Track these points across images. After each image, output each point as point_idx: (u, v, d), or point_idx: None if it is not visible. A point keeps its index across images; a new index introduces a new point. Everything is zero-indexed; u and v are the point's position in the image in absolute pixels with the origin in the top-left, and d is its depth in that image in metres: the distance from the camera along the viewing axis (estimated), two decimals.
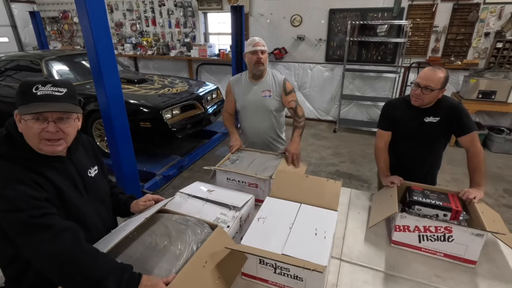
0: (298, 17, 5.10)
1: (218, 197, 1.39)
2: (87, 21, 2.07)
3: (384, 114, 1.81)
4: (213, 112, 3.98)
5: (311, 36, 5.12)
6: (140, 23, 6.27)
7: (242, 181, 1.70)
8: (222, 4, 5.49)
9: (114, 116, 2.40)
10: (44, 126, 0.92)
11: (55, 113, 0.94)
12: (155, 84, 3.96)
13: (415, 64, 4.63)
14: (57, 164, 1.00)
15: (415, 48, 4.62)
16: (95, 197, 1.13)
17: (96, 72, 2.25)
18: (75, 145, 1.08)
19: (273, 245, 1.11)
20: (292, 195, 1.42)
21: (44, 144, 0.95)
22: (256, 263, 1.15)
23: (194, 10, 5.76)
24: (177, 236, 1.04)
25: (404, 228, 1.37)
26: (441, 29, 4.42)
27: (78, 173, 1.06)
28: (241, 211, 1.32)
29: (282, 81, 2.02)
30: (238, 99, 2.11)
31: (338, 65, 5.13)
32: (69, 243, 0.85)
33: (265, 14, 5.28)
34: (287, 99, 2.02)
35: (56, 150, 0.97)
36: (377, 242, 1.44)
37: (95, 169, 1.15)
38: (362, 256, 1.34)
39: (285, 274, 1.12)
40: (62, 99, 0.95)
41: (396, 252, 1.38)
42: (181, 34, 6.01)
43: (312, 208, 1.36)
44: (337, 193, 1.42)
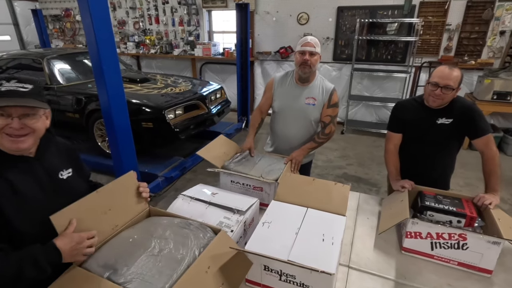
0: (305, 15, 5.09)
1: (222, 200, 1.39)
2: (89, 19, 2.09)
3: (394, 115, 1.79)
4: (217, 113, 3.98)
5: (318, 35, 5.10)
6: (143, 21, 6.31)
7: (247, 184, 1.70)
8: (227, 2, 5.50)
9: (116, 116, 2.41)
10: (8, 122, 0.91)
11: (19, 108, 0.92)
12: (158, 84, 3.98)
13: (426, 64, 4.59)
14: (20, 164, 0.98)
15: (427, 47, 4.58)
16: (67, 200, 1.03)
17: (97, 70, 2.27)
18: (45, 145, 1.06)
19: (278, 251, 1.09)
20: (299, 199, 1.41)
21: (6, 140, 0.92)
22: (260, 269, 1.14)
23: (198, 8, 5.78)
24: (179, 240, 1.03)
25: (415, 234, 1.34)
26: (454, 27, 4.37)
27: (48, 174, 1.04)
28: (246, 215, 1.31)
29: (331, 90, 1.88)
30: (278, 99, 1.98)
31: (346, 64, 5.10)
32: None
33: (271, 12, 5.28)
34: (327, 111, 1.90)
35: (20, 147, 0.95)
36: (387, 249, 1.42)
37: (68, 172, 1.11)
38: (371, 264, 1.33)
39: (290, 282, 1.11)
40: (27, 95, 0.93)
41: (407, 259, 1.36)
42: (184, 33, 6.03)
43: (319, 212, 1.34)
44: (346, 197, 1.40)
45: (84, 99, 3.49)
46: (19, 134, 0.93)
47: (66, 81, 3.79)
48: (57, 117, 3.61)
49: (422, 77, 4.67)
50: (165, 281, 0.88)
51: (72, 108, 3.56)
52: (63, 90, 3.67)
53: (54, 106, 3.60)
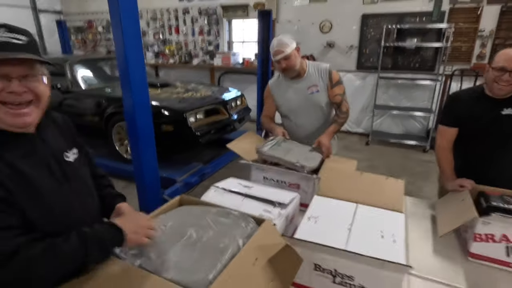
0: (328, 23, 5.06)
1: (259, 193, 1.25)
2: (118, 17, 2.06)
3: (448, 108, 1.64)
4: (238, 119, 3.90)
5: (342, 43, 5.05)
6: (163, 31, 6.45)
7: (282, 181, 1.56)
8: (248, 11, 5.56)
9: (139, 119, 2.36)
10: (4, 85, 0.70)
11: (18, 68, 0.72)
12: (178, 89, 3.96)
13: (457, 72, 4.42)
14: (23, 144, 0.78)
15: (458, 54, 4.42)
16: (79, 187, 0.90)
17: (123, 72, 2.24)
18: (45, 120, 0.87)
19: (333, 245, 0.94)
20: (346, 194, 1.27)
21: (5, 113, 0.72)
22: (310, 269, 0.99)
23: (219, 18, 5.86)
24: (219, 229, 0.90)
25: (486, 237, 1.16)
26: (487, 33, 4.22)
27: (53, 155, 0.84)
28: (287, 209, 1.17)
29: (328, 70, 1.86)
30: (282, 103, 1.95)
31: (370, 73, 4.99)
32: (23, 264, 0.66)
33: (292, 21, 5.29)
34: (334, 91, 1.86)
35: (25, 122, 0.75)
36: (450, 255, 1.24)
37: (73, 153, 0.91)
38: (435, 271, 1.15)
39: (347, 284, 0.95)
40: (23, 49, 0.73)
41: (476, 267, 1.17)
42: (204, 42, 6.11)
43: (372, 208, 1.19)
44: (401, 193, 1.25)
45: (104, 102, 3.48)
46: (21, 102, 0.74)
47: (86, 85, 3.83)
48: (78, 121, 3.61)
49: (453, 86, 4.49)
50: (206, 271, 0.75)
51: (91, 111, 3.56)
52: (83, 93, 3.69)
53: (74, 109, 3.62)
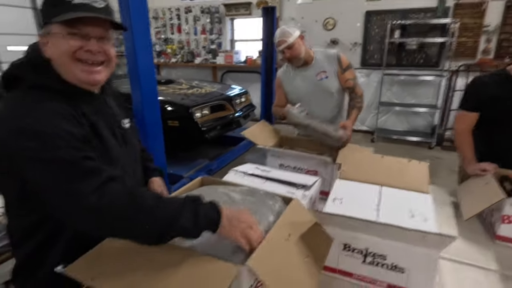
0: (332, 21, 5.06)
1: (280, 176, 1.23)
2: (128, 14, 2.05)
3: (470, 92, 1.60)
4: (243, 115, 3.88)
5: (346, 40, 5.04)
6: (165, 30, 6.43)
7: (299, 168, 1.54)
8: (251, 9, 5.56)
9: (148, 117, 2.36)
10: (82, 43, 0.76)
11: (97, 29, 0.78)
12: (183, 85, 3.94)
13: (463, 67, 4.41)
14: (92, 101, 0.84)
15: (463, 50, 4.42)
16: (132, 153, 0.96)
17: (133, 71, 2.25)
18: (108, 86, 0.94)
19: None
20: (369, 177, 1.24)
21: (79, 69, 0.78)
22: (339, 250, 0.96)
23: (221, 16, 5.86)
24: (247, 206, 0.87)
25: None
26: (492, 28, 4.22)
27: (114, 118, 0.91)
28: (311, 191, 1.14)
29: (336, 56, 1.84)
30: (292, 92, 1.93)
31: (374, 70, 4.98)
32: (123, 191, 0.68)
33: (296, 18, 5.28)
34: (345, 76, 1.83)
35: (96, 79, 0.81)
36: (476, 239, 1.21)
37: (127, 122, 0.97)
38: (463, 254, 1.12)
39: (378, 264, 0.92)
40: (103, 12, 0.78)
41: (505, 250, 1.15)
42: (206, 41, 6.09)
43: (397, 190, 1.16)
44: (426, 174, 1.22)
45: None
46: (94, 61, 0.79)
47: None
48: None
49: (459, 81, 4.48)
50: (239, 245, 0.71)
51: None
52: None
53: None
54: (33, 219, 0.78)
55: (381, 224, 0.83)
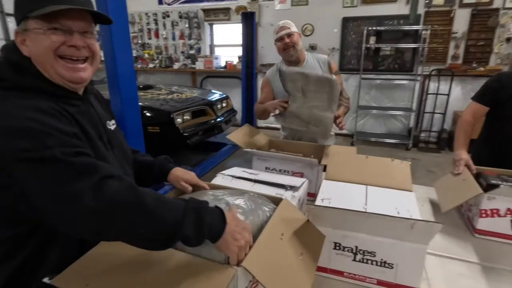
0: (310, 26, 5.18)
1: (268, 178, 1.23)
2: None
3: (491, 86, 1.59)
4: (225, 121, 3.87)
5: (324, 45, 5.18)
6: (142, 35, 6.34)
7: (285, 170, 1.55)
8: (230, 15, 5.59)
9: (129, 123, 2.30)
10: (65, 38, 0.72)
11: (80, 23, 0.74)
12: (162, 91, 3.89)
13: (435, 72, 4.64)
14: (75, 101, 0.79)
15: (434, 55, 4.66)
16: (120, 155, 0.92)
17: (112, 75, 2.19)
18: (91, 86, 0.89)
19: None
20: (354, 177, 1.27)
21: (63, 67, 0.74)
22: (329, 248, 0.98)
23: (200, 21, 5.85)
24: (237, 206, 0.86)
25: (492, 212, 1.20)
26: (460, 35, 4.49)
27: (100, 120, 0.87)
28: (299, 192, 1.16)
29: (327, 61, 1.89)
30: (281, 91, 1.90)
31: (352, 75, 5.14)
32: (121, 189, 0.63)
33: (275, 24, 5.35)
34: None
35: (81, 77, 0.77)
36: (457, 234, 1.27)
37: (112, 123, 0.94)
38: (445, 248, 1.17)
39: (368, 261, 0.95)
40: (86, 5, 0.74)
41: (484, 243, 1.21)
42: (185, 46, 6.06)
43: (382, 189, 1.20)
44: (408, 173, 1.27)
45: None
46: (78, 57, 0.75)
47: None
48: None
49: (431, 85, 4.71)
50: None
51: None
52: None
53: None
54: (23, 229, 0.73)
55: (372, 215, 0.85)
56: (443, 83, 4.62)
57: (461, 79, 4.60)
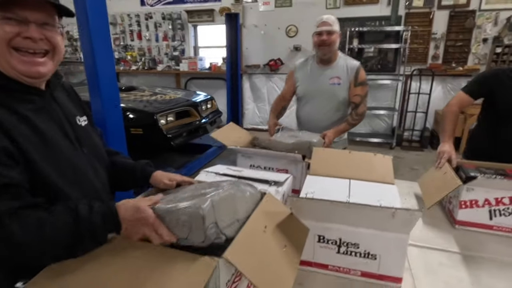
0: (294, 28, 5.24)
1: (252, 175, 1.23)
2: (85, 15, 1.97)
3: (484, 81, 1.59)
4: (209, 122, 3.85)
5: (308, 46, 5.23)
6: (124, 37, 6.25)
7: (269, 168, 1.55)
8: (214, 16, 5.59)
9: (110, 124, 2.26)
10: (20, 29, 0.67)
11: (37, 13, 0.69)
12: (145, 92, 3.83)
13: (416, 72, 4.77)
14: (34, 98, 0.75)
15: (415, 55, 4.79)
16: (91, 152, 0.87)
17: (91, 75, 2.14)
18: (54, 80, 0.84)
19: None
20: (337, 172, 1.29)
21: (18, 60, 0.69)
22: (313, 241, 0.98)
23: (184, 23, 5.82)
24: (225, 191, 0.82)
25: (471, 203, 1.24)
26: (439, 36, 4.63)
27: (65, 116, 0.82)
28: (283, 187, 1.16)
29: (356, 68, 1.83)
30: (302, 84, 1.94)
31: None
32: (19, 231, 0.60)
33: (259, 25, 5.40)
34: (355, 91, 1.83)
35: (39, 72, 0.73)
36: (439, 225, 1.31)
37: (84, 119, 0.89)
38: (426, 239, 1.20)
39: (352, 253, 0.96)
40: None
41: (464, 233, 1.24)
42: (169, 48, 6.01)
43: (365, 182, 1.22)
44: (390, 167, 1.30)
45: None
46: (36, 50, 0.71)
47: None
48: None
49: (413, 85, 4.83)
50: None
51: None
52: None
53: None
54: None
55: (354, 205, 0.86)
56: (424, 83, 4.76)
57: (441, 79, 4.75)
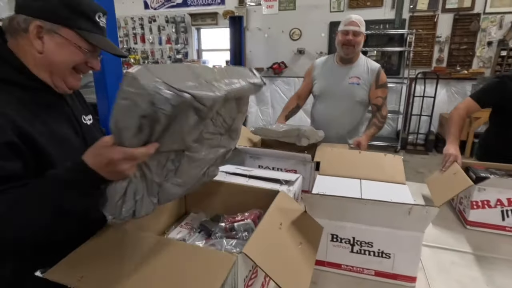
0: (297, 31, 5.27)
1: (262, 174, 1.24)
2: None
3: (493, 88, 1.60)
4: None
5: (312, 50, 5.27)
6: (127, 40, 6.30)
7: (278, 168, 1.56)
8: (217, 19, 5.63)
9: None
10: (88, 59, 0.80)
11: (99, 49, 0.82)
12: None
13: (421, 75, 4.78)
14: (49, 96, 0.81)
15: (420, 59, 4.81)
16: None
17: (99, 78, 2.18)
18: None
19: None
20: (348, 172, 1.30)
21: (73, 77, 0.80)
22: (326, 240, 0.99)
23: (187, 26, 5.87)
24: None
25: (483, 204, 1.24)
26: (444, 39, 4.65)
27: (74, 116, 0.88)
28: (295, 186, 1.16)
29: (377, 70, 1.83)
30: (319, 81, 1.93)
31: None
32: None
33: (262, 29, 5.44)
34: (376, 93, 1.82)
35: (78, 86, 0.84)
36: (449, 226, 1.30)
37: (89, 118, 0.95)
38: (438, 240, 1.20)
39: (365, 252, 0.96)
40: (118, 50, 0.87)
41: (476, 234, 1.24)
42: (172, 51, 6.05)
43: (376, 182, 1.23)
44: (401, 167, 1.30)
45: None
46: (85, 72, 0.84)
47: None
48: None
49: (417, 88, 4.84)
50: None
51: None
52: None
53: None
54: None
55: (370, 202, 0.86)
56: (428, 86, 4.77)
57: (446, 82, 4.76)
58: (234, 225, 0.88)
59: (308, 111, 4.68)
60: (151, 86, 0.52)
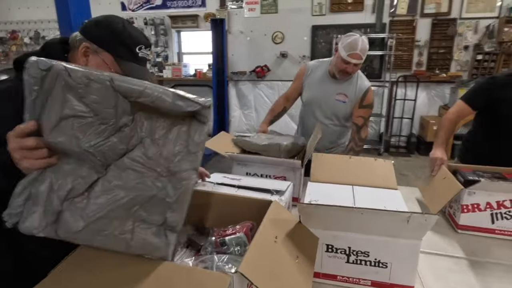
0: (280, 34, 5.29)
1: (252, 183, 1.20)
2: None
3: (482, 88, 1.60)
4: None
5: (294, 53, 5.29)
6: None
7: (266, 175, 1.52)
8: (198, 22, 5.57)
9: None
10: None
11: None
12: None
13: (401, 78, 4.90)
14: None
15: (400, 62, 4.93)
16: None
17: None
18: None
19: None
20: (339, 178, 1.28)
21: None
22: (321, 251, 0.95)
23: (167, 28, 5.77)
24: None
25: (473, 207, 1.25)
26: (423, 43, 4.80)
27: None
28: (285, 196, 1.13)
29: (365, 90, 1.79)
30: (308, 90, 1.91)
31: None
32: None
33: (245, 32, 5.42)
34: (359, 112, 1.81)
35: None
36: (440, 230, 1.31)
37: None
38: (431, 245, 1.19)
39: (361, 262, 0.94)
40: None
41: (467, 238, 1.25)
42: (152, 54, 5.92)
43: (368, 188, 1.21)
44: (392, 172, 1.30)
45: None
46: None
47: None
48: None
49: (399, 91, 4.96)
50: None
51: None
52: None
53: None
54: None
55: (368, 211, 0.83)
56: (409, 89, 4.90)
57: (426, 85, 4.90)
58: (226, 239, 0.83)
59: (292, 115, 4.71)
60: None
